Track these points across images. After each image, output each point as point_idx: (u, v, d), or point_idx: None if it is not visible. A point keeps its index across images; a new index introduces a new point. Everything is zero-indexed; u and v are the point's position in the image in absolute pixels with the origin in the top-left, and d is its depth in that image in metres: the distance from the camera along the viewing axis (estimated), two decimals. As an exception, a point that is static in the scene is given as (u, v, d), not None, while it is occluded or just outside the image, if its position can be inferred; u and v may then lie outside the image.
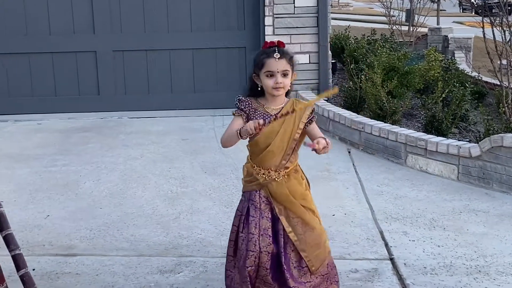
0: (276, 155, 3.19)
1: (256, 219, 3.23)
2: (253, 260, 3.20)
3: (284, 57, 3.15)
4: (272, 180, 3.22)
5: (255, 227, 3.22)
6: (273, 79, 3.14)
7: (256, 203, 3.24)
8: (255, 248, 3.20)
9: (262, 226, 3.22)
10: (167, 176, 5.73)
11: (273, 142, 3.16)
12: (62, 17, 8.12)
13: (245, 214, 3.28)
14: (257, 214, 3.24)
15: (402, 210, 4.95)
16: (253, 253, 3.20)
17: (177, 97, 8.26)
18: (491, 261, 4.07)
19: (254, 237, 3.21)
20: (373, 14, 25.41)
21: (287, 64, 3.16)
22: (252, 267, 3.20)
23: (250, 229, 3.23)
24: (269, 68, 3.13)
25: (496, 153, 5.29)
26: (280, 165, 3.21)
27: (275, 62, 3.13)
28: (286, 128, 3.18)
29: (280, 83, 3.14)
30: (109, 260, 4.11)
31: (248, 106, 3.25)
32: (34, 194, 5.35)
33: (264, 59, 3.15)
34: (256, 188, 3.25)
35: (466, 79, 8.07)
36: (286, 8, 7.85)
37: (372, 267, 3.98)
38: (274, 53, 3.13)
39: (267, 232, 3.21)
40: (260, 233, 3.21)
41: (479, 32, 6.91)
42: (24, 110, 8.11)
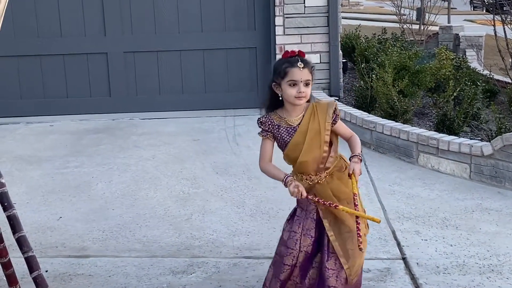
0: (310, 163, 3.19)
1: (300, 218, 3.27)
2: (291, 259, 3.22)
3: (306, 67, 3.15)
4: (315, 183, 3.22)
5: (299, 226, 3.26)
6: (295, 88, 3.13)
7: (303, 205, 3.28)
8: (295, 247, 3.23)
9: (305, 226, 3.25)
10: (178, 177, 5.75)
11: (302, 153, 3.16)
12: (73, 19, 8.15)
13: (292, 215, 3.33)
14: (302, 214, 3.27)
15: (414, 209, 4.94)
16: (292, 251, 3.23)
17: (188, 97, 8.28)
18: (504, 260, 4.05)
19: (296, 235, 3.24)
20: (384, 13, 25.33)
21: (309, 74, 3.16)
22: (289, 266, 3.23)
23: (293, 227, 3.27)
24: (293, 77, 3.13)
25: (509, 151, 5.27)
26: (319, 169, 3.21)
27: (299, 71, 3.12)
28: (312, 136, 3.17)
29: (303, 92, 3.14)
30: (121, 261, 4.12)
31: (271, 125, 3.25)
32: (47, 196, 5.38)
33: (287, 68, 3.14)
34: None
35: (478, 78, 8.04)
36: (296, 8, 7.84)
37: (384, 267, 3.98)
38: (298, 62, 3.13)
39: (310, 232, 3.23)
40: (303, 233, 3.24)
41: (490, 30, 6.89)
42: (36, 112, 8.15)
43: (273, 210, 4.92)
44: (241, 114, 7.85)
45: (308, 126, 3.17)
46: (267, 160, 3.28)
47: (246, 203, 5.09)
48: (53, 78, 8.23)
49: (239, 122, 7.52)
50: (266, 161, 3.28)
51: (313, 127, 3.17)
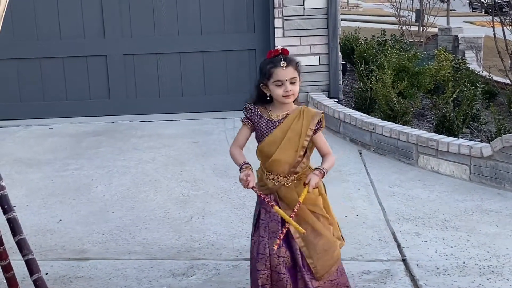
0: (282, 163, 3.19)
1: (265, 222, 3.25)
2: (264, 263, 3.20)
3: (290, 65, 3.15)
4: (281, 185, 3.22)
5: (265, 230, 3.23)
6: (282, 87, 3.15)
7: (266, 206, 3.24)
8: (265, 251, 3.21)
9: (271, 229, 3.23)
10: (178, 179, 5.75)
11: (278, 151, 3.17)
12: (72, 22, 8.16)
13: (257, 218, 3.30)
14: (266, 217, 3.25)
15: (414, 210, 4.94)
16: (263, 256, 3.21)
17: (188, 100, 8.28)
18: (504, 261, 4.05)
19: (263, 240, 3.22)
20: (383, 15, 25.33)
21: (294, 71, 3.17)
22: (263, 270, 3.20)
23: (260, 232, 3.25)
24: (278, 78, 3.14)
25: (508, 152, 5.27)
26: (289, 172, 3.21)
27: (282, 71, 3.13)
28: (291, 137, 3.18)
29: (290, 91, 3.15)
30: (121, 264, 4.12)
31: (254, 114, 3.27)
32: (46, 198, 5.38)
33: (271, 69, 3.16)
34: (266, 193, 3.24)
35: (477, 79, 8.04)
36: (295, 10, 7.85)
37: (384, 268, 3.98)
38: (281, 61, 3.14)
39: (276, 235, 3.20)
40: (269, 236, 3.22)
41: (489, 31, 6.89)
42: (35, 115, 8.15)
43: (273, 212, 4.91)
44: (241, 116, 7.83)
45: (290, 126, 3.18)
46: (238, 145, 3.32)
47: (246, 205, 5.09)
48: (53, 81, 8.23)
49: (238, 124, 7.42)
50: (236, 145, 3.33)
51: (295, 128, 3.18)
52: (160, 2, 8.15)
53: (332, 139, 6.80)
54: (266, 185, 3.25)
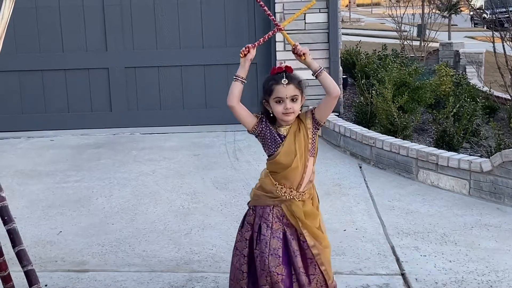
0: (298, 170, 3.20)
1: (266, 238, 3.24)
2: (265, 279, 3.21)
3: (292, 83, 3.16)
4: (291, 198, 3.23)
5: (266, 246, 3.23)
6: (282, 105, 3.16)
7: (268, 222, 3.25)
8: (265, 268, 3.21)
9: (272, 245, 3.23)
10: (178, 192, 5.76)
11: (295, 159, 3.18)
12: (75, 35, 8.21)
13: (258, 231, 3.28)
14: (268, 233, 3.24)
15: (414, 225, 4.94)
16: (263, 272, 3.22)
17: (189, 112, 8.31)
18: (503, 276, 4.05)
19: (264, 255, 3.22)
20: (385, 29, 25.40)
21: (296, 89, 3.17)
22: (266, 285, 3.21)
23: (261, 248, 3.24)
24: (278, 95, 3.16)
25: (508, 167, 5.28)
26: (301, 181, 3.22)
27: (283, 88, 3.15)
28: (300, 143, 3.20)
29: (290, 108, 3.16)
30: (121, 276, 4.13)
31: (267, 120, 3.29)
32: (47, 210, 5.39)
33: (273, 85, 3.18)
34: (273, 204, 3.25)
35: (478, 94, 8.06)
36: (297, 24, 7.88)
37: (383, 282, 3.98)
38: (282, 79, 3.15)
39: (277, 252, 3.21)
40: (270, 253, 3.22)
41: (490, 47, 6.92)
42: (37, 127, 8.18)
43: (273, 225, 4.92)
44: (242, 129, 7.79)
45: (294, 136, 3.21)
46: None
47: (246, 218, 5.09)
48: (55, 93, 8.27)
49: (239, 137, 7.53)
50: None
51: (299, 137, 3.21)
52: (162, 15, 8.19)
53: (332, 152, 6.82)
54: (279, 197, 3.24)
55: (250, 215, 3.35)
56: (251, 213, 3.35)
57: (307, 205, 3.26)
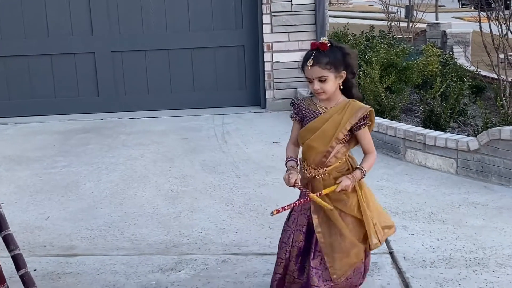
0: (315, 150, 3.17)
1: (295, 214, 3.31)
2: (284, 253, 3.27)
3: (317, 64, 3.08)
4: (311, 177, 3.22)
5: (293, 221, 3.30)
6: (311, 85, 3.14)
7: (301, 199, 3.27)
8: (288, 241, 3.27)
9: (299, 222, 3.28)
10: (167, 176, 5.76)
11: (313, 137, 3.16)
12: (60, 19, 8.15)
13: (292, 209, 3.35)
14: (298, 209, 3.30)
15: (402, 204, 4.97)
16: (285, 246, 3.28)
17: (177, 96, 8.29)
18: (490, 253, 4.08)
19: (290, 230, 3.29)
20: (373, 11, 25.39)
21: (323, 70, 3.08)
22: (282, 259, 3.28)
23: (288, 222, 3.33)
24: (306, 75, 3.15)
25: (494, 146, 5.31)
26: (320, 163, 3.19)
27: (308, 69, 3.11)
28: (331, 126, 3.13)
29: (318, 89, 3.12)
30: (110, 260, 4.13)
31: (300, 108, 3.26)
32: (35, 195, 5.38)
33: (302, 66, 3.15)
34: (305, 182, 3.26)
35: (465, 74, 8.08)
36: (283, 6, 7.86)
37: (372, 261, 3.98)
38: (307, 61, 3.10)
39: (302, 228, 3.26)
40: (296, 228, 3.27)
41: (477, 27, 6.91)
42: (24, 113, 8.14)
43: (262, 207, 4.94)
44: (230, 113, 7.88)
45: (331, 116, 3.14)
46: (292, 142, 3.34)
47: (235, 201, 5.10)
48: (41, 78, 8.23)
49: (227, 120, 7.53)
50: (291, 142, 3.34)
51: (335, 119, 3.14)
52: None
53: (321, 134, 6.82)
54: (304, 176, 3.26)
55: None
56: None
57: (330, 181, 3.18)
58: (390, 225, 3.44)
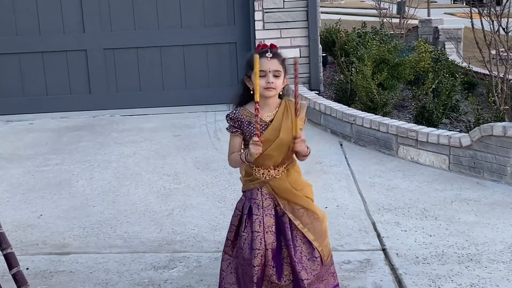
0: (274, 157, 3.17)
1: (259, 217, 3.22)
2: (260, 259, 3.17)
3: (276, 58, 3.13)
4: (272, 177, 3.21)
5: (259, 225, 3.20)
6: (264, 79, 3.12)
7: (258, 201, 3.23)
8: (261, 246, 3.17)
9: (266, 223, 3.20)
10: (160, 173, 5.75)
11: (270, 148, 3.13)
12: (51, 16, 8.11)
13: (247, 213, 3.25)
14: (260, 212, 3.22)
15: (394, 201, 4.98)
16: (259, 251, 3.17)
17: (169, 93, 8.27)
18: (483, 249, 4.10)
19: (259, 235, 3.19)
20: (365, 7, 25.41)
21: (279, 65, 3.13)
22: (259, 266, 3.17)
23: (254, 228, 3.21)
24: (261, 68, 3.10)
25: (486, 142, 5.32)
26: (280, 163, 3.21)
27: (267, 61, 3.10)
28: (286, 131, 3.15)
29: (272, 83, 3.12)
30: (102, 258, 4.12)
31: (240, 123, 3.21)
32: (27, 193, 5.36)
33: (259, 57, 3.11)
34: (257, 186, 3.23)
35: (457, 70, 8.10)
36: (275, 2, 7.85)
37: (364, 258, 4.01)
38: (267, 53, 3.12)
39: (271, 229, 3.20)
40: (265, 231, 3.20)
41: (469, 23, 6.92)
42: (15, 110, 8.11)
43: (254, 204, 4.93)
44: (222, 109, 7.74)
45: (281, 123, 3.15)
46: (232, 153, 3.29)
47: (227, 198, 5.10)
48: (33, 76, 8.19)
49: (220, 117, 7.52)
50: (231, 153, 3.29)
51: (287, 125, 3.15)
52: (139, -5, 8.13)
53: (313, 131, 6.83)
54: (257, 179, 3.22)
55: (241, 201, 3.33)
56: (242, 199, 3.33)
57: (291, 174, 3.24)
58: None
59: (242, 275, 3.25)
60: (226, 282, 3.32)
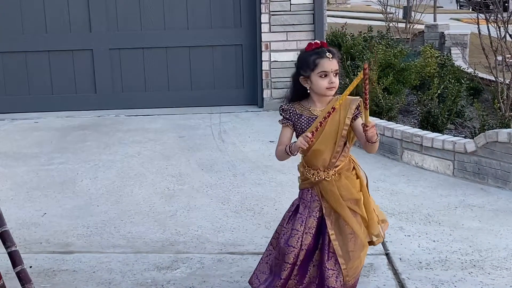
0: (323, 153, 3.16)
1: (303, 216, 3.23)
2: (293, 257, 3.19)
3: (335, 58, 3.12)
4: (321, 179, 3.20)
5: (301, 224, 3.21)
6: (327, 79, 3.10)
7: (306, 201, 3.25)
8: (297, 245, 3.19)
9: (308, 224, 3.21)
10: (164, 174, 5.75)
11: (319, 140, 3.13)
12: (58, 15, 8.13)
13: (293, 211, 3.29)
14: (305, 212, 3.23)
15: (398, 205, 4.97)
16: (293, 250, 3.19)
17: (174, 94, 8.28)
18: (486, 255, 4.09)
19: (298, 233, 3.20)
20: (371, 11, 25.37)
21: (338, 64, 3.14)
22: (290, 264, 3.19)
23: (295, 225, 3.22)
24: (323, 69, 3.09)
25: (491, 148, 5.32)
26: (329, 164, 3.18)
27: (328, 62, 3.09)
28: (331, 126, 3.13)
29: (334, 83, 3.12)
30: (106, 257, 4.13)
31: (293, 114, 3.22)
32: (31, 192, 5.37)
33: (317, 60, 3.09)
34: (308, 187, 3.25)
35: (462, 76, 8.09)
36: (282, 5, 7.86)
37: (367, 262, 3.99)
38: (327, 53, 3.09)
39: (311, 231, 3.21)
40: (305, 231, 3.20)
41: (475, 28, 6.91)
42: (21, 109, 8.13)
43: (258, 206, 4.94)
44: (227, 111, 7.87)
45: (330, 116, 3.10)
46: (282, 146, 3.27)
47: (231, 200, 5.10)
48: (38, 75, 8.21)
49: (224, 119, 7.52)
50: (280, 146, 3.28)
51: (334, 119, 3.13)
52: (146, -4, 8.14)
53: (318, 134, 6.82)
54: (308, 179, 3.23)
55: (295, 199, 3.34)
56: (296, 198, 3.34)
57: (342, 180, 3.19)
58: (385, 218, 3.49)
59: (275, 268, 3.29)
60: (259, 271, 3.37)
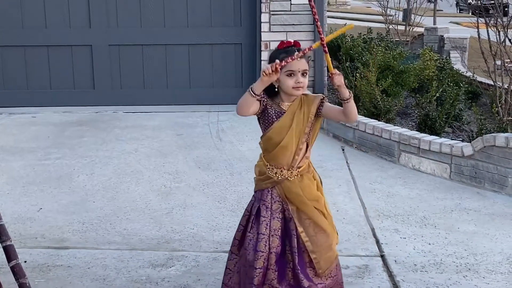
0: (288, 150, 3.17)
1: (267, 219, 3.21)
2: (263, 262, 3.17)
3: (303, 57, 3.11)
4: (284, 179, 3.20)
5: (266, 227, 3.19)
6: (293, 78, 3.11)
7: (267, 203, 3.22)
8: (265, 249, 3.17)
9: (272, 226, 3.20)
10: (161, 171, 5.75)
11: (286, 136, 3.14)
12: (58, 11, 8.12)
13: (255, 214, 3.25)
14: (268, 214, 3.21)
15: (394, 207, 4.97)
16: (262, 254, 3.17)
17: (173, 92, 8.27)
18: (481, 259, 4.09)
19: (264, 237, 3.18)
20: (371, 13, 25.40)
21: (306, 64, 3.14)
22: (261, 269, 3.17)
23: (260, 230, 3.20)
24: (290, 68, 3.08)
25: (489, 152, 5.32)
26: (293, 163, 3.19)
27: (296, 61, 3.07)
28: (297, 123, 3.16)
29: (301, 83, 3.11)
30: (101, 254, 4.13)
31: (264, 100, 3.17)
32: (27, 187, 5.36)
33: (285, 58, 3.07)
34: (269, 186, 3.22)
35: (461, 79, 8.10)
36: (282, 5, 7.85)
37: (362, 264, 4.00)
38: (295, 52, 3.07)
39: (277, 233, 3.20)
40: (271, 234, 3.19)
41: (475, 32, 6.92)
42: (19, 103, 8.11)
43: (254, 205, 4.93)
44: (225, 110, 7.86)
45: (294, 113, 3.16)
46: None
47: (228, 198, 5.10)
48: (37, 70, 8.20)
49: (223, 118, 7.52)
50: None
51: (299, 115, 3.16)
52: (147, -7, 8.13)
53: (316, 135, 6.82)
54: (270, 179, 3.21)
55: (251, 201, 3.32)
56: (252, 199, 3.32)
57: (304, 181, 3.22)
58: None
59: (243, 276, 3.25)
60: (232, 281, 3.33)
